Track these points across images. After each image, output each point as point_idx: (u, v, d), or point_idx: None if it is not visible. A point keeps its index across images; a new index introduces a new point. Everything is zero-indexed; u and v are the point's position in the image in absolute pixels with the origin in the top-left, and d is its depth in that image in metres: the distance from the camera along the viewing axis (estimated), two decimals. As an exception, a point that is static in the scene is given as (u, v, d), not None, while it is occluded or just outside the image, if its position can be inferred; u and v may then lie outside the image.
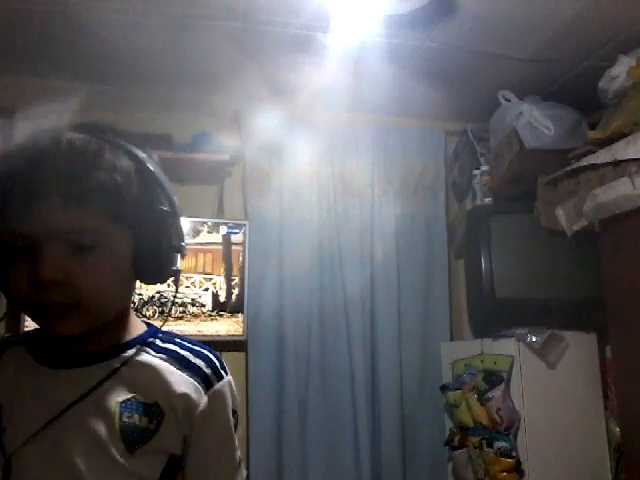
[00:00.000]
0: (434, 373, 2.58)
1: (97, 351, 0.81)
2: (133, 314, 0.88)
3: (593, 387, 2.29)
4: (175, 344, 0.86)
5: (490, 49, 2.20)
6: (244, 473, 0.90)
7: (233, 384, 0.88)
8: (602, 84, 2.12)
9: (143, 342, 0.84)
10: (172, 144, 2.41)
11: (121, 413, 0.77)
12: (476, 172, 2.59)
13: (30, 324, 0.81)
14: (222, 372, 0.86)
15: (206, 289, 2.43)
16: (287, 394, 2.41)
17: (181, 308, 2.39)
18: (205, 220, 2.45)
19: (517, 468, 2.14)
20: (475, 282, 2.45)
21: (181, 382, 0.81)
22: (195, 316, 2.39)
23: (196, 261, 2.43)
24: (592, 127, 2.16)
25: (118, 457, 0.76)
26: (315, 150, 2.62)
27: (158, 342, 0.85)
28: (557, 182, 2.21)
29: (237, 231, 2.46)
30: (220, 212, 2.56)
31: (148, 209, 0.77)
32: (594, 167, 2.00)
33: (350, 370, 2.48)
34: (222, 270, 2.45)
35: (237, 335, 2.41)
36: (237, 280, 2.45)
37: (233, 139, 2.55)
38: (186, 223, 2.79)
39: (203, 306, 2.41)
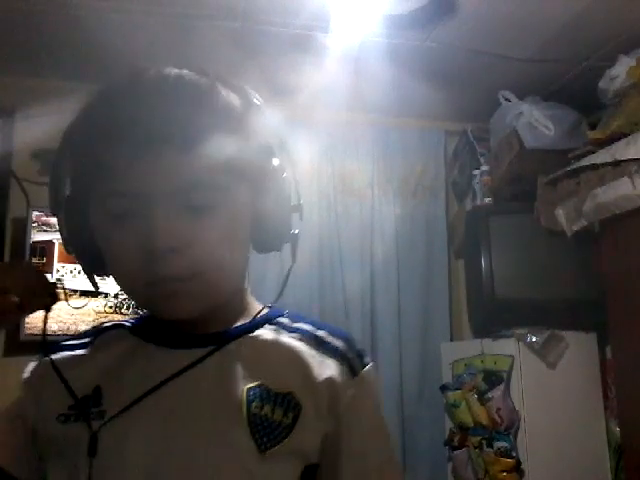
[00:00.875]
0: (434, 373, 2.57)
1: (217, 332, 0.67)
2: (250, 293, 0.75)
3: (593, 387, 2.28)
4: (308, 323, 0.71)
5: (490, 49, 2.20)
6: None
7: (375, 370, 0.72)
8: (602, 84, 2.12)
9: (270, 321, 0.70)
10: (172, 144, 2.40)
11: (249, 402, 0.62)
12: (476, 172, 2.59)
13: (30, 324, 0.77)
14: (365, 356, 0.70)
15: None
16: (287, 394, 2.40)
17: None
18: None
19: (517, 468, 2.14)
20: (475, 282, 2.45)
21: (323, 366, 0.66)
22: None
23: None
24: (592, 127, 2.16)
25: (246, 457, 0.61)
26: (315, 150, 2.62)
27: (287, 321, 0.71)
28: (557, 182, 2.21)
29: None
30: (220, 212, 2.56)
31: (266, 160, 0.66)
32: (594, 167, 2.00)
33: (350, 370, 2.48)
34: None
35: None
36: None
37: (233, 139, 2.55)
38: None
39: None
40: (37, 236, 2.25)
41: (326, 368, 0.66)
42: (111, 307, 2.30)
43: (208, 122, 0.59)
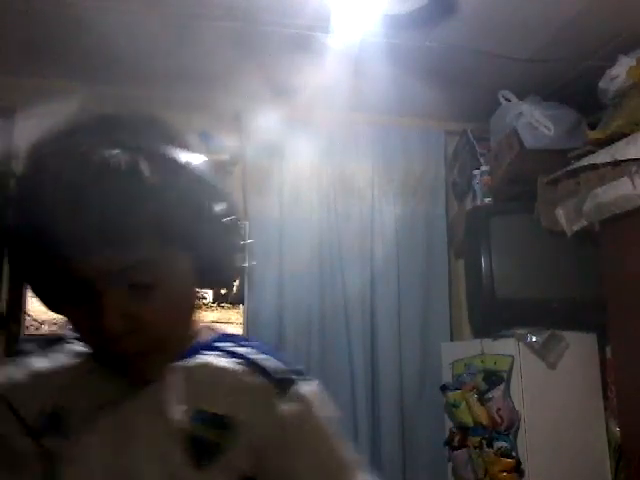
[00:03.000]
0: (434, 373, 2.57)
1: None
2: (195, 320, 0.77)
3: (593, 387, 2.28)
4: (243, 346, 0.76)
5: (490, 49, 2.20)
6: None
7: (318, 388, 0.75)
8: (602, 84, 2.12)
9: (208, 347, 0.75)
10: (172, 144, 2.40)
11: (190, 424, 0.69)
12: (476, 172, 2.59)
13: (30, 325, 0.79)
14: (298, 374, 0.74)
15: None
16: (287, 394, 2.40)
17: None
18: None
19: (517, 468, 2.14)
20: (475, 282, 2.45)
21: (252, 387, 0.71)
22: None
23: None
24: (592, 127, 2.16)
25: (186, 471, 0.67)
26: (315, 150, 2.62)
27: (223, 346, 0.75)
28: (557, 182, 2.21)
29: (237, 231, 2.46)
30: (220, 212, 2.56)
31: (205, 222, 0.66)
32: (594, 167, 2.01)
33: (350, 370, 2.48)
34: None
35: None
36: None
37: (233, 139, 2.55)
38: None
39: (204, 298, 2.43)
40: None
41: (257, 389, 0.71)
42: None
43: (139, 209, 0.60)
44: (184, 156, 0.66)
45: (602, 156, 1.97)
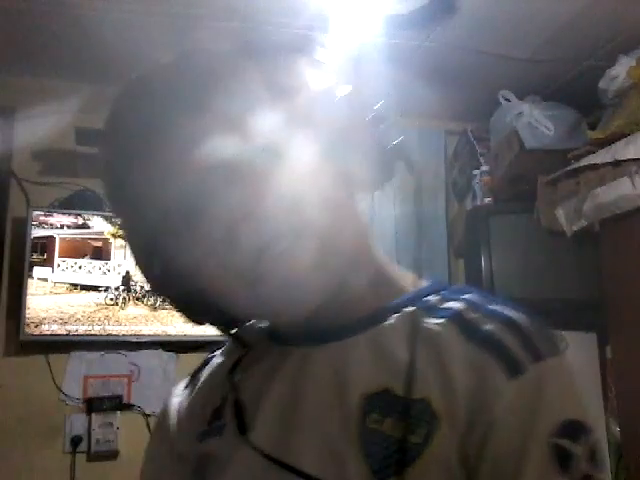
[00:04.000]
0: (434, 373, 2.57)
1: (350, 321, 0.56)
2: (392, 266, 0.64)
3: (593, 387, 2.28)
4: (463, 301, 0.56)
5: (490, 49, 2.20)
6: None
7: (570, 368, 0.56)
8: (602, 84, 2.12)
9: (414, 304, 0.57)
10: (172, 144, 2.40)
11: (365, 414, 0.50)
12: (476, 172, 2.59)
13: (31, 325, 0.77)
14: (544, 347, 0.54)
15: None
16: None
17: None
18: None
19: (517, 468, 2.13)
20: (475, 282, 2.45)
21: (470, 362, 0.50)
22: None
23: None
24: (592, 127, 2.16)
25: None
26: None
27: (438, 300, 0.57)
28: (557, 182, 2.21)
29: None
30: (220, 212, 2.56)
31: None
32: (594, 167, 2.00)
33: (350, 370, 2.48)
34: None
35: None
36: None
37: (233, 139, 2.55)
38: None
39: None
40: (37, 232, 2.25)
41: (473, 364, 0.50)
42: (112, 299, 2.31)
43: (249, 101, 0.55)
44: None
45: (602, 156, 1.96)
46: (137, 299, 2.33)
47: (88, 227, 2.34)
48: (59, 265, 2.28)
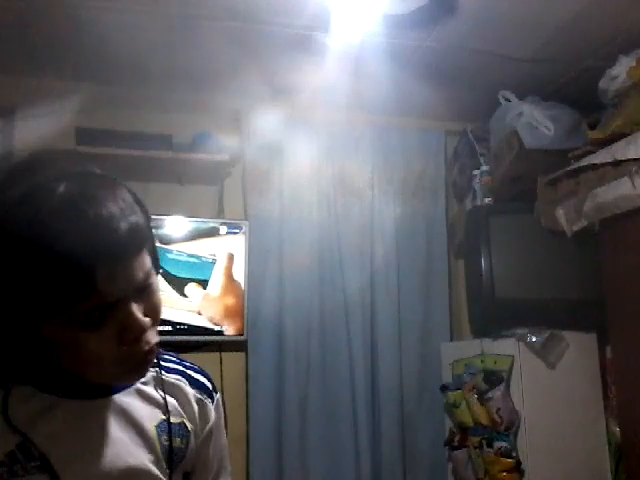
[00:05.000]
0: (434, 373, 2.57)
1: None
2: None
3: (593, 387, 2.28)
4: (176, 363, 0.88)
5: (490, 49, 2.20)
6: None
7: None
8: (602, 84, 2.12)
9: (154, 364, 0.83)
10: (172, 144, 2.40)
11: (159, 436, 0.79)
12: (476, 172, 2.59)
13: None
14: (214, 384, 0.90)
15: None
16: (287, 394, 2.41)
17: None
18: (205, 220, 2.45)
19: (517, 468, 2.14)
20: (475, 282, 2.45)
21: (196, 399, 0.85)
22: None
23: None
24: (592, 127, 2.16)
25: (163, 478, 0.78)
26: (315, 150, 2.62)
27: (163, 362, 0.86)
28: (557, 182, 2.21)
29: (237, 231, 2.46)
30: (220, 212, 2.56)
31: (150, 223, 0.76)
32: (594, 167, 2.01)
33: (350, 370, 2.48)
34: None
35: (237, 335, 2.41)
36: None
37: (233, 139, 2.55)
38: (186, 223, 2.78)
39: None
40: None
41: (198, 400, 0.85)
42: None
43: (129, 225, 0.67)
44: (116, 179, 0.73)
45: (602, 156, 1.97)
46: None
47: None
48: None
